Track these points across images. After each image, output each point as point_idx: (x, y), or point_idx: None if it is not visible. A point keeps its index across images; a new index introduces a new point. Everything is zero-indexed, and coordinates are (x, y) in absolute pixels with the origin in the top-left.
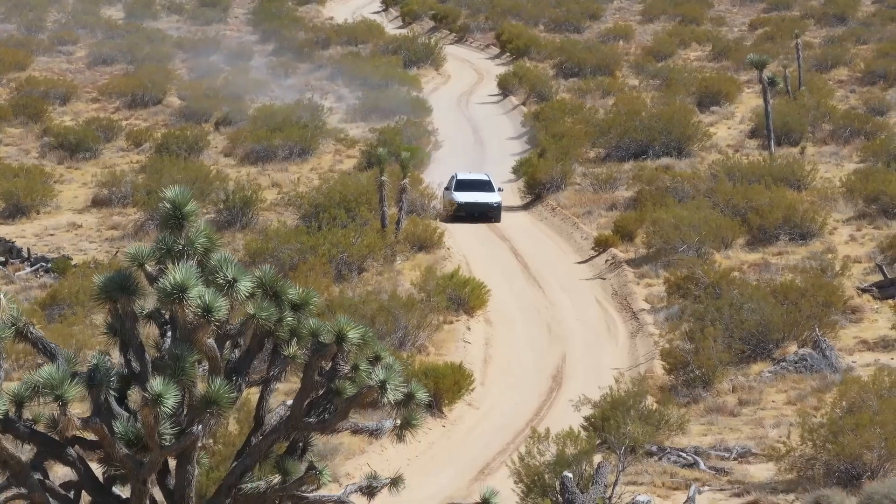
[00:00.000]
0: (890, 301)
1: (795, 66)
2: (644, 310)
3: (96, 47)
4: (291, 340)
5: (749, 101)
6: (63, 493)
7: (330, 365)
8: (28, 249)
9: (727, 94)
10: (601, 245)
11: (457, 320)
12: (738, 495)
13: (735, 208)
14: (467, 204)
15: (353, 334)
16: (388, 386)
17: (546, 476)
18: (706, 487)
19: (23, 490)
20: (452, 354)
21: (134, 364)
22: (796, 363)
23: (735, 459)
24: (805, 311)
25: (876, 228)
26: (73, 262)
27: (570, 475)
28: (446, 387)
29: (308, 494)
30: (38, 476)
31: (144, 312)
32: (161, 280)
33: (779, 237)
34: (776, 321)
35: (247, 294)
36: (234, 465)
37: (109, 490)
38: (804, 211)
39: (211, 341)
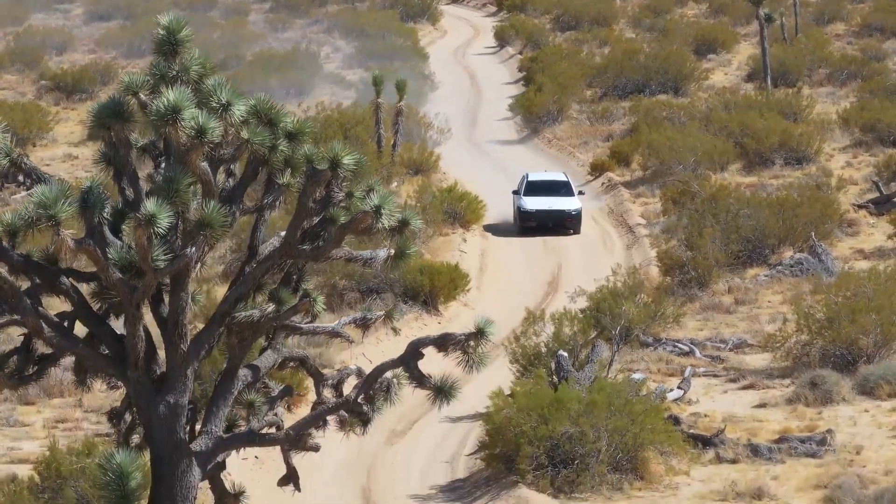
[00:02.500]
0: (886, 216)
1: (793, 19)
2: (640, 224)
3: (93, 4)
4: (286, 170)
5: (746, 52)
6: (57, 320)
7: (324, 193)
8: (23, 174)
9: (724, 43)
10: (597, 169)
11: (453, 233)
12: (733, 381)
13: (731, 134)
14: (538, 213)
15: (347, 160)
16: (382, 211)
17: (542, 355)
18: (702, 368)
19: (16, 316)
20: (449, 261)
21: (128, 192)
22: (792, 267)
23: (731, 350)
24: (801, 217)
25: (872, 156)
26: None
27: (566, 354)
28: (442, 284)
29: (302, 325)
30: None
31: (139, 145)
32: (154, 102)
33: (774, 161)
34: (772, 227)
35: (241, 118)
36: (227, 293)
37: (104, 320)
38: (799, 136)
39: (204, 164)
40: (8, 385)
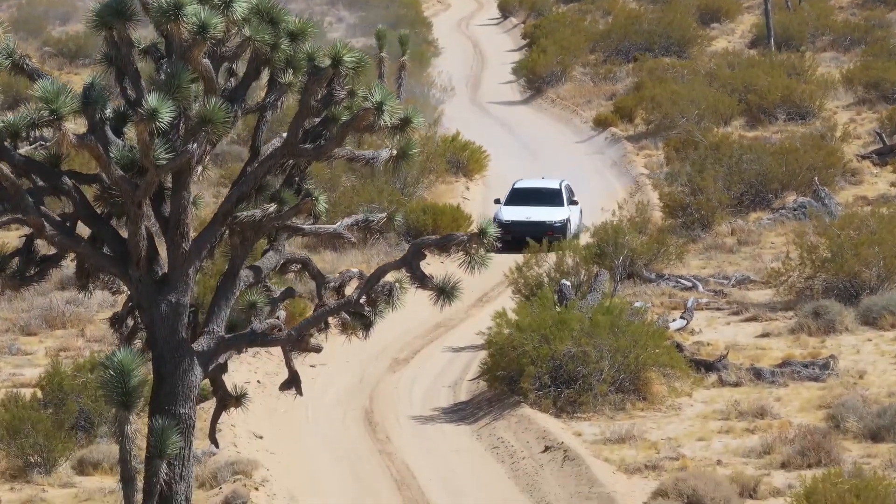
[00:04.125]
0: (889, 166)
1: None
2: (643, 174)
3: None
4: (287, 69)
5: (749, 21)
6: (58, 219)
7: (326, 91)
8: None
9: (727, 12)
10: (601, 124)
11: (455, 181)
12: (736, 313)
13: (734, 91)
14: (514, 225)
15: (348, 57)
16: (384, 108)
17: (544, 285)
18: (705, 300)
19: (18, 215)
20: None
21: (130, 92)
22: (795, 210)
23: (734, 286)
24: (804, 162)
25: (875, 113)
26: None
27: (568, 283)
28: (445, 224)
29: (304, 226)
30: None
31: (141, 46)
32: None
33: (777, 117)
34: (775, 172)
35: (242, 15)
36: (229, 192)
37: (105, 221)
38: (802, 92)
39: (206, 61)
40: (9, 286)
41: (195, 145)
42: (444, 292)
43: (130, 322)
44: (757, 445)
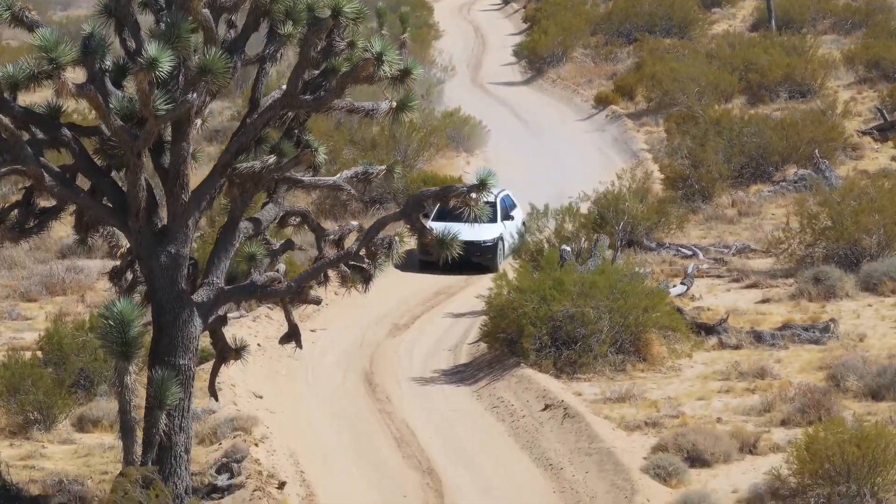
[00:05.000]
0: (890, 141)
1: None
2: (643, 150)
3: None
4: (287, 21)
5: (751, 5)
6: (58, 171)
7: (326, 42)
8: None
9: None
10: (601, 102)
11: (456, 156)
12: (736, 280)
13: (735, 69)
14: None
15: (348, 8)
16: (384, 58)
17: (544, 251)
18: (705, 265)
19: (18, 165)
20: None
21: (129, 42)
22: (796, 182)
23: (734, 255)
24: (805, 136)
25: (876, 91)
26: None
27: (568, 248)
28: None
29: (304, 178)
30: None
31: None
32: None
33: (778, 95)
34: (776, 145)
35: None
36: (229, 143)
37: (105, 173)
38: (804, 70)
39: (206, 11)
40: (8, 237)
41: (195, 95)
42: (444, 244)
43: (130, 276)
44: (757, 404)
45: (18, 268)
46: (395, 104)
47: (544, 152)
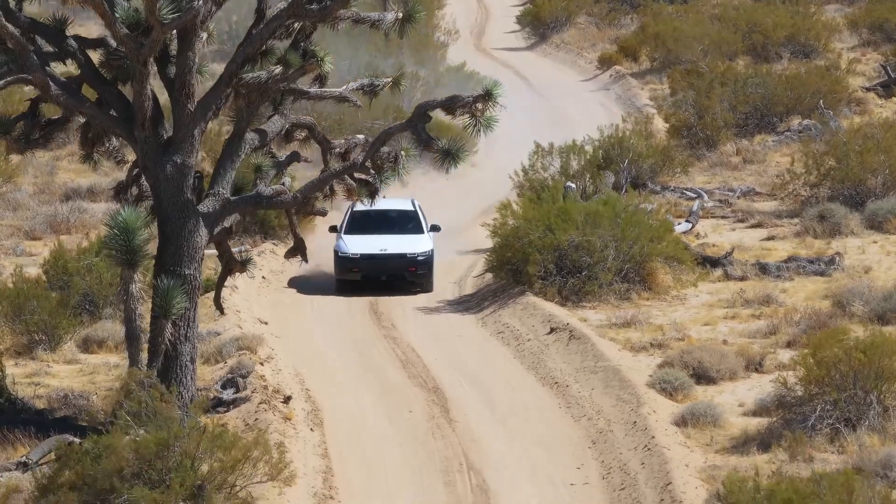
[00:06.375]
0: (894, 97)
1: None
2: (648, 105)
3: None
4: None
5: None
6: (64, 80)
7: None
8: None
9: None
10: (605, 63)
11: None
12: (741, 221)
13: (739, 30)
14: (365, 259)
15: None
16: None
17: (549, 188)
18: (710, 203)
19: (24, 75)
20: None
21: None
22: (800, 132)
23: (739, 197)
24: (810, 87)
25: (881, 54)
26: None
27: (573, 185)
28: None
29: (310, 90)
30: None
31: None
32: None
33: (782, 55)
34: (780, 96)
35: None
36: (235, 53)
37: (111, 83)
38: (808, 30)
39: None
40: (14, 149)
41: (200, 2)
42: (450, 154)
43: (135, 190)
44: (763, 327)
45: (23, 209)
46: (400, 14)
47: (548, 108)
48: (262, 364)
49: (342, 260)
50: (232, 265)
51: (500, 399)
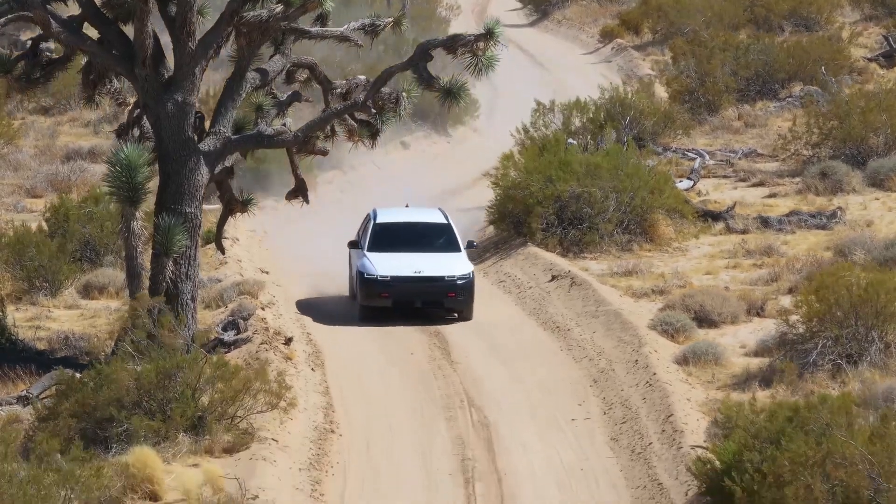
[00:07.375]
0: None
1: None
2: (649, 74)
3: None
4: None
5: None
6: (65, 18)
7: None
8: None
9: None
10: (607, 36)
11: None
12: (743, 180)
13: (740, 3)
14: (398, 282)
15: None
16: None
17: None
18: (712, 162)
19: (25, 11)
20: None
21: None
22: (802, 98)
23: (740, 158)
24: (812, 54)
25: (883, 28)
26: None
27: (574, 141)
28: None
29: (311, 29)
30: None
31: None
32: None
33: (784, 28)
34: (782, 63)
35: None
36: None
37: (113, 22)
38: (810, 3)
39: None
40: (15, 88)
41: None
42: (451, 93)
43: (136, 132)
44: (764, 275)
45: (24, 169)
46: None
47: (550, 80)
48: (263, 309)
49: (368, 283)
50: (233, 204)
51: (501, 342)
